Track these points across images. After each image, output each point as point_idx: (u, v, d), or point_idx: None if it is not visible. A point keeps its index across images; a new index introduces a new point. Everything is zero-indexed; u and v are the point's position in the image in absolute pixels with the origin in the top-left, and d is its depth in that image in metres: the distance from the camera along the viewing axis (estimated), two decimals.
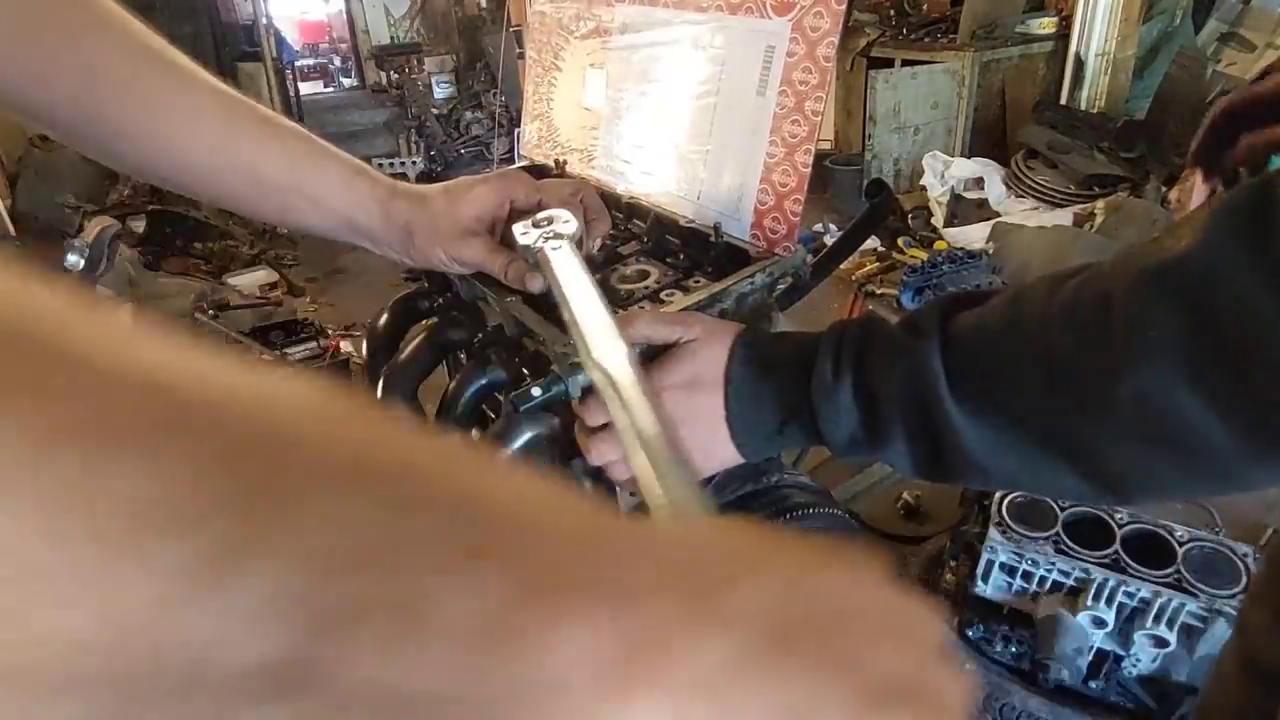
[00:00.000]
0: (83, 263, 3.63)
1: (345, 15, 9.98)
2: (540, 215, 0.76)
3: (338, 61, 11.30)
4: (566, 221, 0.75)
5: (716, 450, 0.65)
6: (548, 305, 0.81)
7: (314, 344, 3.37)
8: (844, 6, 0.72)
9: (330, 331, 3.57)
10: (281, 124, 0.76)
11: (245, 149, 0.73)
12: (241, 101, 0.74)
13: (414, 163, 6.73)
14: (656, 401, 0.46)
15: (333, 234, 0.80)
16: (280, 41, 7.17)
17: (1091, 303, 0.49)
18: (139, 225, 4.40)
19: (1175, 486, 0.49)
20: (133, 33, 0.68)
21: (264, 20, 6.91)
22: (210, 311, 3.39)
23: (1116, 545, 1.58)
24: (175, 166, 0.73)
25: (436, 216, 0.79)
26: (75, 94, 0.66)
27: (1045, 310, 0.51)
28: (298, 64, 9.51)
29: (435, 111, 7.20)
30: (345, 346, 3.48)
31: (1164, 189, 3.88)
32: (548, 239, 0.70)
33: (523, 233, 0.72)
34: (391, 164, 6.53)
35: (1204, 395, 0.43)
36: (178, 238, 4.51)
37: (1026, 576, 1.65)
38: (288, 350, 3.30)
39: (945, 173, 4.35)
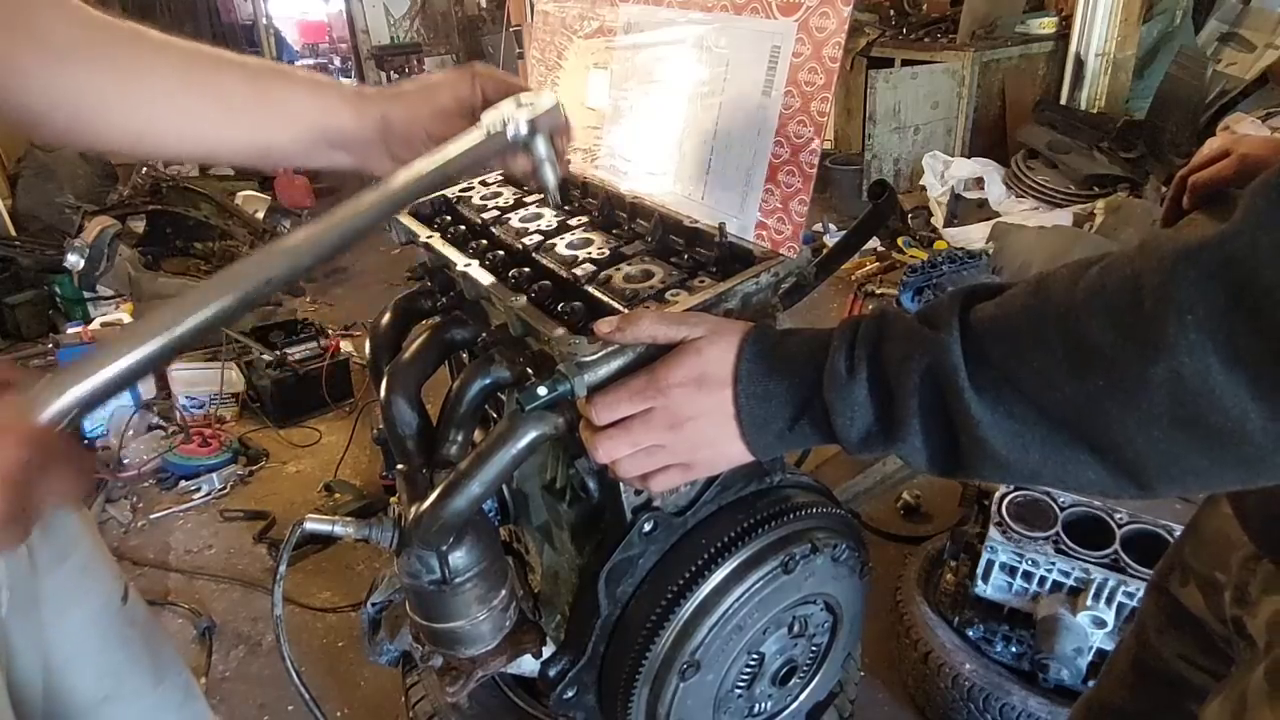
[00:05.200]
0: (83, 263, 3.63)
1: (345, 15, 9.97)
2: (523, 96, 0.76)
3: (338, 61, 11.29)
4: (549, 106, 0.75)
5: (726, 448, 0.65)
6: (552, 304, 0.81)
7: (314, 344, 3.37)
8: (850, 7, 0.72)
9: (330, 331, 3.57)
10: (242, 55, 0.77)
11: (205, 75, 0.74)
12: (196, 46, 0.74)
13: None
14: None
15: (309, 154, 0.81)
16: (280, 41, 7.19)
17: (1120, 286, 0.48)
18: (139, 225, 4.40)
19: (1201, 474, 0.47)
20: (77, 5, 0.68)
21: (264, 20, 6.93)
22: None
23: (1116, 545, 1.59)
24: (135, 121, 0.73)
25: (414, 105, 0.81)
26: (10, 59, 0.64)
27: (1070, 295, 0.50)
28: (298, 64, 9.51)
29: None
30: (345, 346, 3.48)
31: (1163, 189, 3.88)
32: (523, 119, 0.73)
33: (497, 116, 0.73)
34: None
35: (1240, 374, 0.43)
36: (178, 238, 4.51)
37: (1027, 576, 1.65)
38: (288, 350, 3.29)
39: (945, 173, 4.36)
